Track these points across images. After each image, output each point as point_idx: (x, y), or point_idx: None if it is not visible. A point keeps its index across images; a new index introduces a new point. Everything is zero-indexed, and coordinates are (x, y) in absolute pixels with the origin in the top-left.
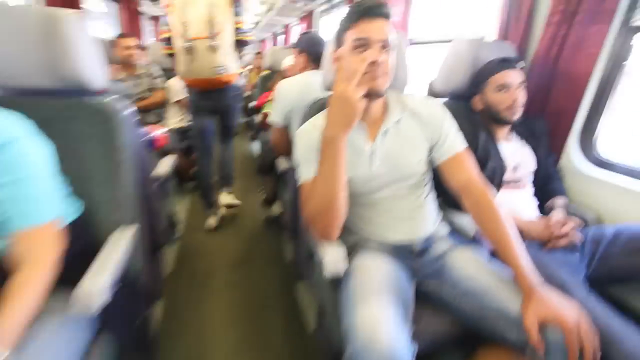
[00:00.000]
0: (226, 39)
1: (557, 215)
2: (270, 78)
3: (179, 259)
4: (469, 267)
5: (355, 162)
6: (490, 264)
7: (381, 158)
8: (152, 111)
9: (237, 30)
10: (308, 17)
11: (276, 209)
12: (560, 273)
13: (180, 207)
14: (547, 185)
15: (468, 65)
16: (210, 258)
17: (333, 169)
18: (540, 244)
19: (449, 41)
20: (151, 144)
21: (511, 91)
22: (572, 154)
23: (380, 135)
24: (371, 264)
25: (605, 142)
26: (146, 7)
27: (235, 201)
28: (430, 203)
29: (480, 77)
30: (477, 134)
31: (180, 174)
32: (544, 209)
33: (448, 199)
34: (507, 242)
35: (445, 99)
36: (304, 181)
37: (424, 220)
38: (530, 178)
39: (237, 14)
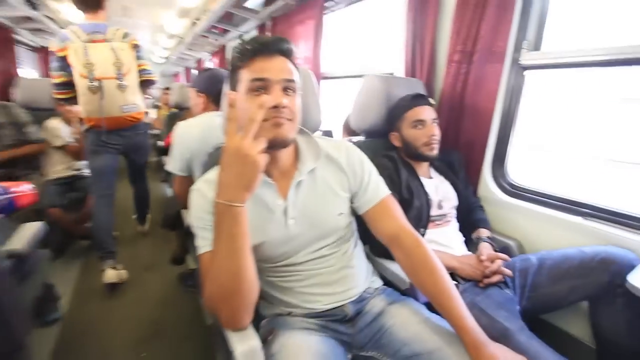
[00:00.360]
0: (133, 79)
1: (485, 250)
2: (177, 117)
3: (62, 345)
4: (409, 327)
5: (267, 223)
6: (430, 317)
7: (297, 215)
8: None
9: (142, 71)
10: (220, 52)
11: (191, 262)
12: (499, 318)
13: (66, 276)
14: (469, 217)
15: (382, 101)
16: (107, 336)
17: (233, 243)
18: (474, 282)
19: (361, 76)
20: (11, 204)
21: (427, 126)
22: (487, 184)
23: (292, 188)
24: (296, 345)
25: (516, 169)
26: (26, 36)
27: (122, 276)
28: (359, 256)
29: (395, 114)
30: (399, 172)
31: (65, 234)
32: (469, 242)
33: (376, 247)
34: (446, 298)
35: (361, 138)
36: (201, 253)
37: (354, 279)
38: (454, 213)
39: (139, 57)
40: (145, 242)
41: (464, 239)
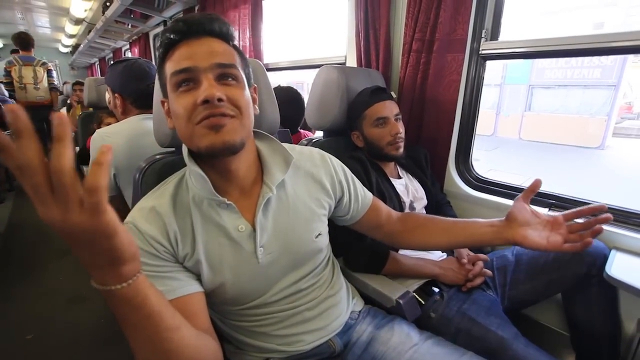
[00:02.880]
0: (43, 85)
1: (464, 251)
2: (93, 118)
3: None
4: (403, 353)
5: (228, 256)
6: (423, 338)
7: (266, 242)
8: None
9: (50, 83)
10: (140, 41)
11: None
12: (492, 327)
13: None
14: (439, 214)
15: (341, 94)
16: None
17: (140, 332)
18: (457, 288)
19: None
20: None
21: (389, 124)
22: (453, 178)
23: (260, 208)
24: None
25: (481, 163)
26: None
27: None
28: (338, 280)
29: (354, 112)
30: (368, 175)
31: None
32: None
33: (351, 260)
34: (460, 222)
35: (320, 137)
36: None
37: (338, 308)
38: (424, 213)
39: (49, 75)
40: (67, 267)
41: None
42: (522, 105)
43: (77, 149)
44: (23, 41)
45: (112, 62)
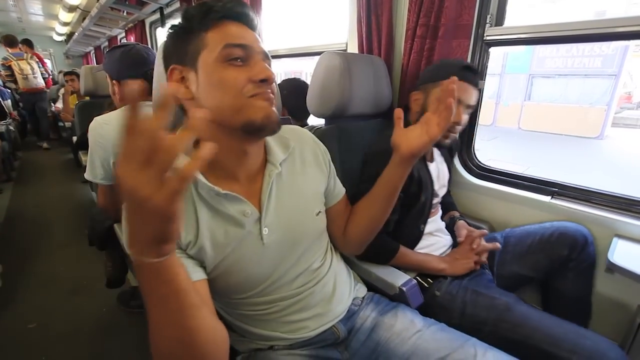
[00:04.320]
0: (39, 74)
1: (464, 230)
2: (90, 107)
3: None
4: (407, 339)
5: (236, 243)
6: (427, 324)
7: (271, 222)
8: None
9: (42, 73)
10: (136, 29)
11: (133, 279)
12: (496, 294)
13: None
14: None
15: (344, 80)
16: None
17: (167, 305)
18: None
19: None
20: None
21: (458, 109)
22: (456, 166)
23: (266, 190)
24: None
25: (480, 153)
26: None
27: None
28: (340, 265)
29: (433, 74)
30: None
31: None
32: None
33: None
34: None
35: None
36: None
37: (341, 293)
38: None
39: (40, 66)
40: (68, 257)
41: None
42: (522, 95)
43: (74, 138)
44: (11, 40)
45: (108, 49)
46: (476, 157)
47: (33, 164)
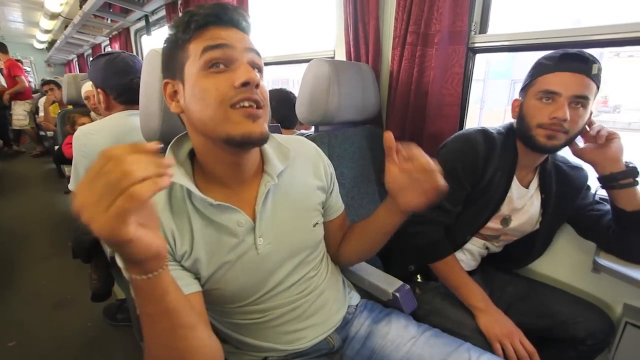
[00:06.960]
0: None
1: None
2: (72, 116)
3: None
4: (402, 346)
5: (229, 252)
6: (421, 330)
7: (265, 231)
8: None
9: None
10: (121, 37)
11: (119, 292)
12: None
13: None
14: None
15: (332, 87)
16: None
17: (156, 325)
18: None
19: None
20: None
21: (557, 103)
22: None
23: (261, 199)
24: None
25: None
26: None
27: None
28: (334, 273)
29: (530, 74)
30: (487, 157)
31: None
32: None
33: (410, 231)
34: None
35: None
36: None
37: (336, 303)
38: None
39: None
40: (50, 270)
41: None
42: (504, 100)
43: (56, 148)
44: None
45: (93, 57)
46: None
47: (14, 174)
